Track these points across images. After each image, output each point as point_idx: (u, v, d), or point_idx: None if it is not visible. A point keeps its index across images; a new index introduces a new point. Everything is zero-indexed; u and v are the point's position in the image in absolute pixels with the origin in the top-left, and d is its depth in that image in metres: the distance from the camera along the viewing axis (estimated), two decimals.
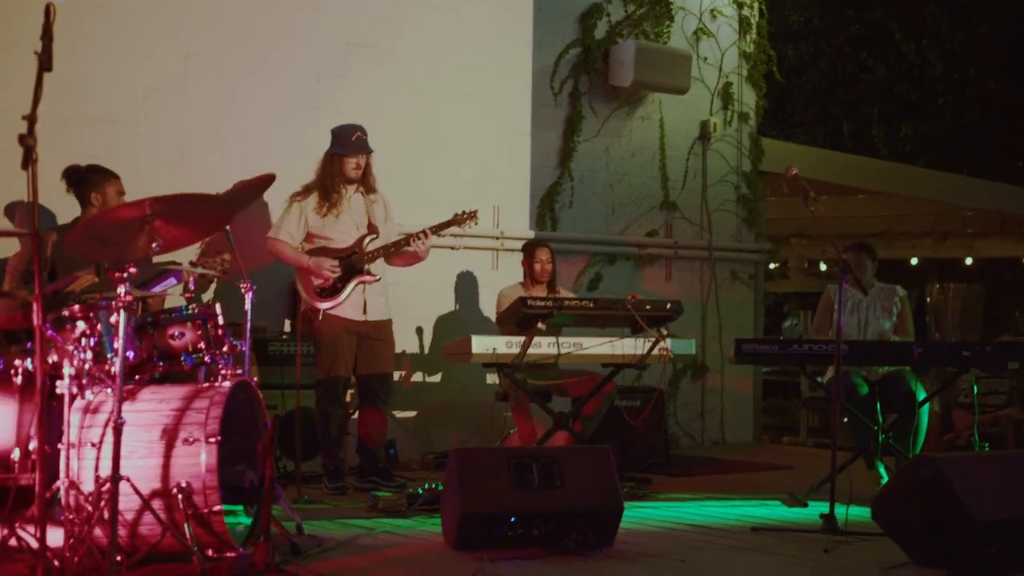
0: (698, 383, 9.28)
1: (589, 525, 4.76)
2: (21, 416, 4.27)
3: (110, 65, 6.79)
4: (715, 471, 7.73)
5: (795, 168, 5.61)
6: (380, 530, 5.24)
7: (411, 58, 7.87)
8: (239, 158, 7.14)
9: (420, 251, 6.43)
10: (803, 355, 6.29)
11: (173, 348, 4.62)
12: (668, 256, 9.20)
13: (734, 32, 9.58)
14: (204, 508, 4.20)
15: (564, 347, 6.42)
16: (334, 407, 6.38)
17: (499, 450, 5.64)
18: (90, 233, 4.39)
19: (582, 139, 8.70)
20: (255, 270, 6.09)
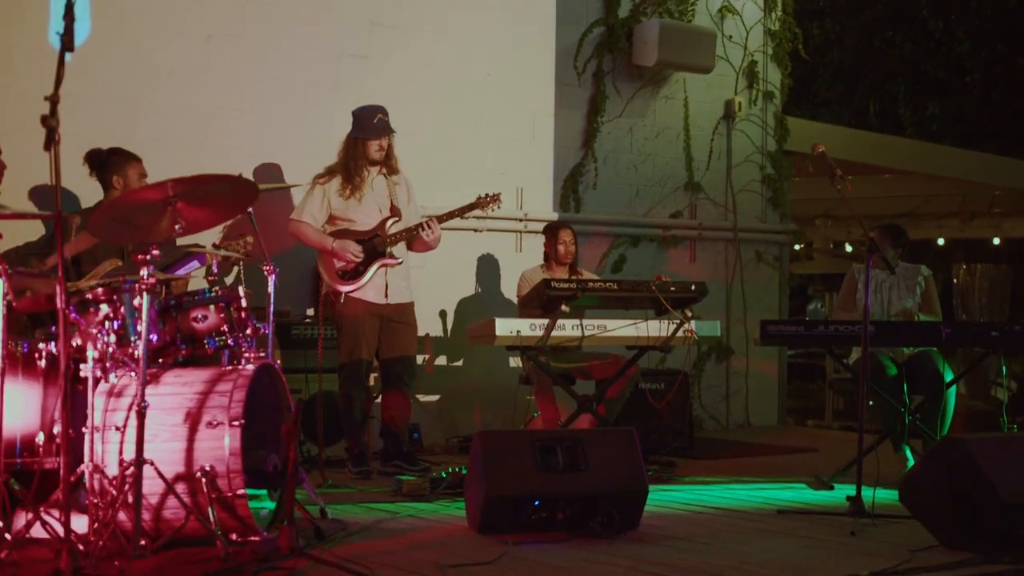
0: (723, 365, 9.23)
1: (614, 508, 4.74)
2: (45, 400, 4.26)
3: (132, 46, 6.77)
4: (740, 454, 7.68)
5: (821, 146, 5.54)
6: (404, 514, 5.23)
7: (434, 38, 7.83)
8: (262, 139, 7.15)
9: (428, 239, 6.39)
10: (829, 336, 6.23)
11: (196, 331, 4.61)
12: (692, 238, 9.15)
13: (759, 9, 9.49)
14: (228, 492, 4.19)
15: (588, 329, 6.39)
16: (357, 391, 6.37)
17: (523, 433, 5.61)
18: (112, 215, 4.38)
19: (606, 119, 8.64)
20: (278, 253, 6.08)
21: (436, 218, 6.42)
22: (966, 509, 4.43)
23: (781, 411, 9.68)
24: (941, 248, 15.14)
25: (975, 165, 12.05)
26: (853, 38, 15.56)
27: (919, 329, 6.41)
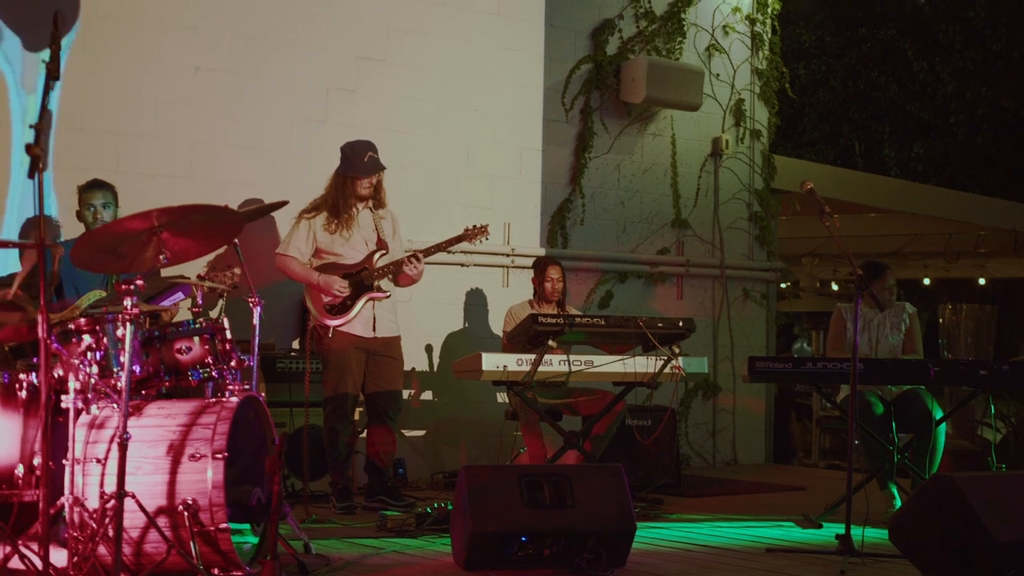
0: (710, 403, 9.20)
1: (601, 545, 4.68)
2: (25, 431, 4.20)
3: (119, 78, 6.76)
4: (727, 492, 7.64)
5: (810, 183, 5.54)
6: (389, 550, 5.17)
7: (422, 73, 7.84)
8: (249, 171, 7.13)
9: (412, 274, 6.35)
10: (817, 373, 6.22)
11: (180, 363, 4.56)
12: (680, 274, 9.14)
13: (746, 49, 9.53)
14: (210, 526, 4.13)
15: (575, 365, 6.35)
16: (342, 425, 6.31)
17: (510, 468, 5.56)
18: (96, 245, 4.33)
19: (593, 155, 8.65)
20: (264, 286, 6.04)
21: (421, 252, 6.38)
22: (957, 548, 4.39)
23: (768, 449, 9.64)
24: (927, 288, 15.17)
25: (961, 205, 12.10)
26: (839, 79, 15.65)
27: (908, 367, 6.38)
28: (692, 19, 9.16)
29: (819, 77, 15.68)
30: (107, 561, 3.97)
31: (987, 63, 14.93)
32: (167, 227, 4.25)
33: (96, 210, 5.86)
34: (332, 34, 7.51)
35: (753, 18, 9.53)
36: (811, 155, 14.66)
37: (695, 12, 9.18)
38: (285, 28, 7.33)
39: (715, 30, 9.32)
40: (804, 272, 14.59)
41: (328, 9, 7.50)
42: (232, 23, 7.16)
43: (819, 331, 15.01)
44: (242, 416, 4.40)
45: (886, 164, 15.24)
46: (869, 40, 15.54)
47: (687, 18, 9.10)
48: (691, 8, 9.12)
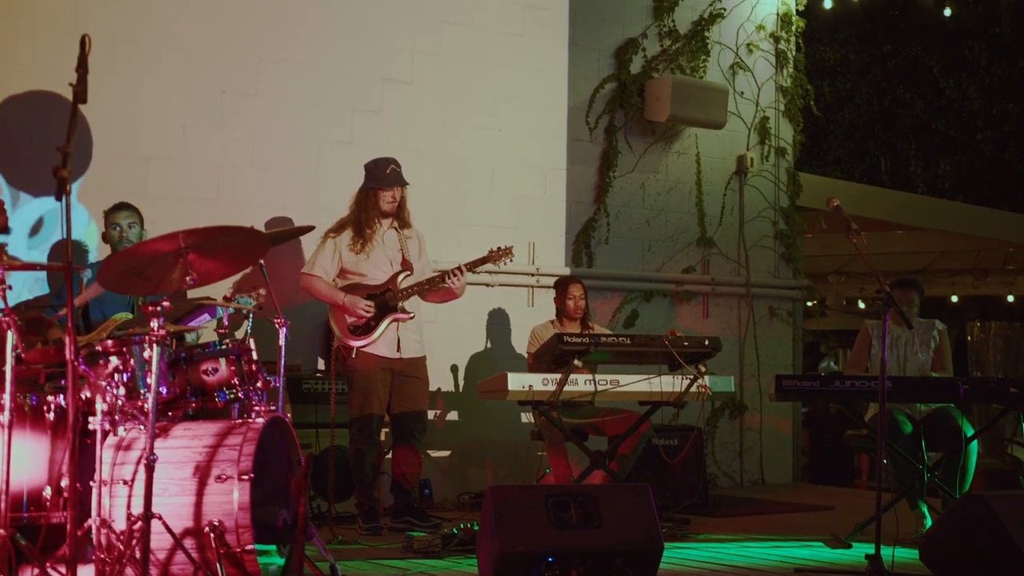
0: (736, 422, 9.14)
1: (629, 565, 4.65)
2: (53, 453, 4.21)
3: (146, 101, 6.81)
4: (755, 511, 7.59)
5: (836, 200, 5.50)
6: (415, 571, 5.15)
7: (446, 93, 7.86)
8: (275, 193, 7.16)
9: (455, 288, 6.35)
10: (845, 392, 6.15)
11: (206, 384, 4.57)
12: (705, 293, 9.10)
13: (771, 66, 9.51)
14: (237, 547, 4.14)
15: (600, 384, 6.32)
16: (368, 446, 6.30)
17: (536, 488, 5.52)
18: (123, 267, 4.35)
19: (618, 174, 8.64)
20: (290, 307, 6.05)
21: (466, 265, 6.37)
22: (989, 568, 4.34)
23: (796, 468, 9.57)
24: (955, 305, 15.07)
25: (989, 222, 12.03)
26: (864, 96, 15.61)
27: (937, 385, 6.32)
28: (716, 37, 9.15)
29: (844, 94, 15.65)
30: None
31: (1014, 79, 14.87)
32: (193, 248, 4.27)
33: (121, 229, 5.90)
34: (357, 56, 7.54)
35: (777, 36, 9.52)
36: (837, 173, 14.61)
37: (719, 30, 9.17)
38: (310, 51, 7.37)
39: (739, 48, 9.31)
40: (830, 290, 14.53)
41: (353, 31, 7.53)
42: (257, 47, 7.20)
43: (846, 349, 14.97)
44: (268, 437, 4.41)
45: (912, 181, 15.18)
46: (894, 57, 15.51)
47: (711, 36, 9.09)
48: (715, 26, 9.12)
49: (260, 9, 7.24)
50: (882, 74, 15.56)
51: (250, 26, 7.19)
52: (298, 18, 7.36)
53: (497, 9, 8.13)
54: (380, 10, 7.66)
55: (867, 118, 15.65)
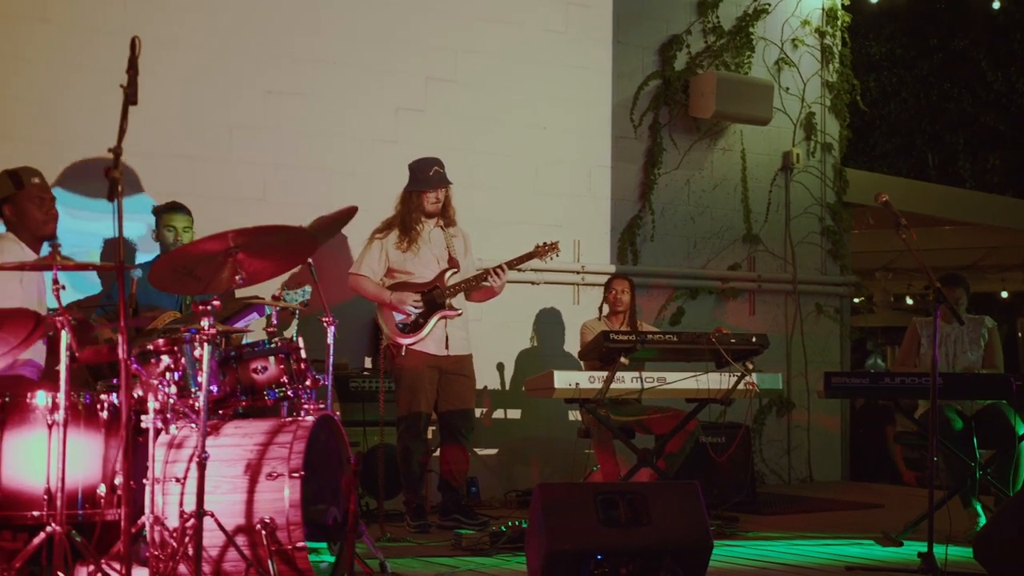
0: (784, 419, 9.09)
1: (678, 563, 4.62)
2: (107, 451, 4.25)
3: (195, 103, 6.87)
4: (804, 509, 7.53)
5: (885, 195, 5.44)
6: (464, 568, 5.16)
7: (490, 92, 7.87)
8: (320, 193, 7.20)
9: (495, 286, 6.36)
10: (895, 388, 6.10)
11: (256, 382, 4.60)
12: (752, 290, 9.05)
13: (816, 62, 9.45)
14: (288, 544, 4.16)
15: (648, 382, 6.30)
16: (416, 444, 6.32)
17: (585, 486, 5.53)
18: (173, 266, 4.39)
19: (663, 171, 8.61)
20: (336, 305, 6.08)
21: (514, 261, 6.38)
22: None
23: (844, 466, 9.49)
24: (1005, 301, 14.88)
25: None
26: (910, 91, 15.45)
27: (988, 382, 6.25)
28: (761, 33, 9.10)
29: (890, 89, 15.49)
30: None
31: None
32: (243, 248, 4.29)
33: (176, 232, 5.98)
34: (400, 55, 7.56)
35: (823, 31, 9.45)
36: (883, 168, 14.48)
37: (764, 26, 9.12)
38: (354, 51, 7.41)
39: (784, 43, 9.24)
40: (877, 286, 14.40)
41: (396, 31, 7.56)
42: (302, 47, 7.24)
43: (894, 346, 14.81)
44: (318, 435, 4.43)
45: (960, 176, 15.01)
46: (941, 51, 15.33)
47: (756, 32, 9.04)
48: (759, 22, 9.07)
49: (305, 10, 7.28)
50: (929, 68, 15.39)
51: (295, 27, 7.23)
52: (342, 18, 7.39)
53: (540, 7, 8.13)
54: (423, 9, 7.68)
55: (914, 113, 15.49)
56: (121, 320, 3.62)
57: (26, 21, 6.45)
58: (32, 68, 6.46)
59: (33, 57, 6.46)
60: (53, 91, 6.50)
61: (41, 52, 6.48)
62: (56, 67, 6.51)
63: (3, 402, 4.15)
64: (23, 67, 6.44)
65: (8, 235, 4.85)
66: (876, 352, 18.21)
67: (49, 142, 6.40)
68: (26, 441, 4.12)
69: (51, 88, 6.49)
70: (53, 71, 6.51)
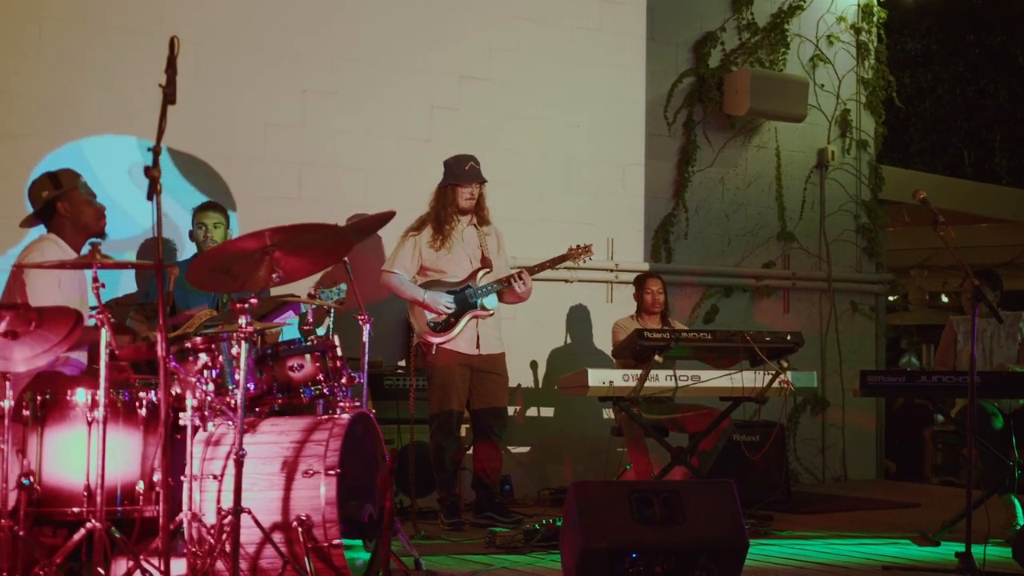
0: (818, 418, 9.04)
1: (713, 562, 4.61)
2: (145, 448, 4.29)
3: (230, 102, 6.90)
4: (839, 508, 7.49)
5: (923, 192, 5.41)
6: (498, 566, 5.17)
7: (523, 90, 7.86)
8: (355, 191, 7.22)
9: (520, 291, 6.36)
10: (932, 387, 6.05)
11: (292, 380, 4.62)
12: (786, 288, 9.01)
13: (852, 58, 9.39)
14: (324, 541, 4.18)
15: (681, 380, 6.29)
16: (448, 442, 6.33)
17: (619, 484, 5.52)
18: (211, 265, 4.41)
19: (697, 169, 8.59)
20: (370, 303, 6.10)
21: (527, 269, 6.40)
22: None
23: (879, 465, 9.44)
24: None
25: None
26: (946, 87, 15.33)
27: None
28: (795, 30, 9.05)
29: (925, 86, 15.39)
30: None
31: None
32: (279, 246, 4.31)
33: (207, 229, 6.02)
34: (435, 54, 7.57)
35: (858, 27, 9.39)
36: (918, 165, 14.39)
37: (798, 23, 9.08)
38: (388, 49, 7.42)
39: (819, 40, 9.20)
40: (912, 284, 14.29)
41: (430, 30, 7.57)
42: (337, 46, 7.27)
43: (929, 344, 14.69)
44: (353, 433, 4.45)
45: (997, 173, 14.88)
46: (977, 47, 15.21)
47: (790, 29, 9.00)
48: (794, 19, 9.03)
49: (339, 8, 7.30)
50: (965, 64, 15.27)
51: (329, 26, 7.26)
52: (377, 17, 7.42)
53: (574, 4, 8.12)
54: (457, 7, 7.69)
55: (949, 109, 15.38)
56: (160, 318, 3.66)
57: (69, 23, 6.51)
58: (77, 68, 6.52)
59: (75, 58, 6.52)
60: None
61: (86, 53, 6.53)
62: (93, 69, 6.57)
63: (43, 399, 4.19)
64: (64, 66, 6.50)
65: (49, 236, 4.88)
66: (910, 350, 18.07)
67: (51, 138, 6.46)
68: (66, 438, 4.16)
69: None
70: (94, 70, 6.56)
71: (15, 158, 6.24)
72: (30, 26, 6.41)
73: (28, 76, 6.40)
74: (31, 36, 6.42)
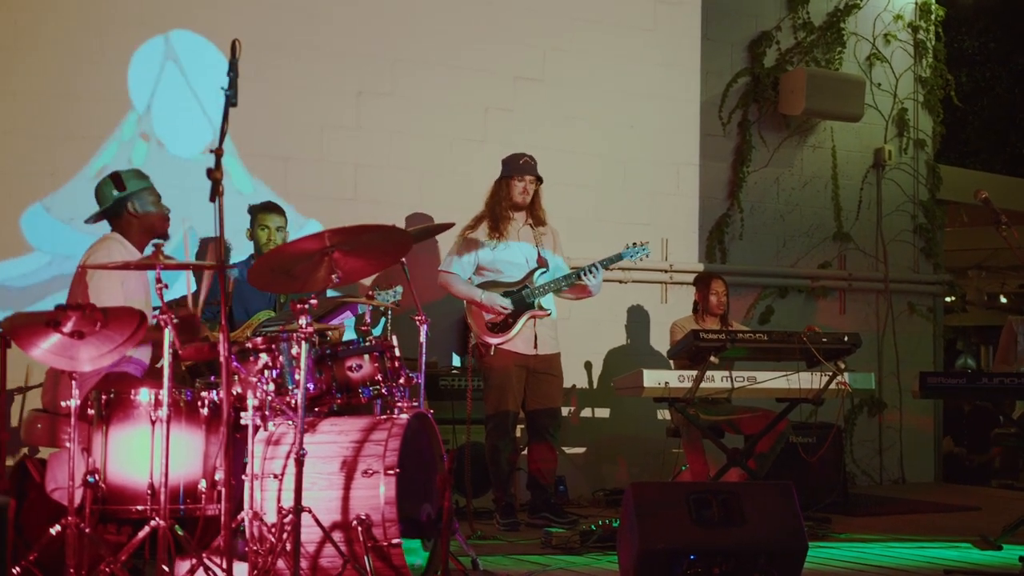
0: (875, 419, 8.96)
1: (773, 564, 4.58)
2: (207, 447, 4.32)
3: (286, 104, 6.96)
4: (897, 511, 7.42)
5: (984, 192, 5.36)
6: (555, 567, 5.16)
7: (578, 90, 7.86)
8: (411, 192, 7.26)
9: (591, 286, 6.35)
10: (994, 389, 5.98)
11: (351, 380, 4.65)
12: (842, 288, 8.94)
13: (909, 57, 9.30)
14: (383, 541, 4.20)
15: (737, 381, 6.26)
16: (504, 442, 6.34)
17: (677, 485, 5.50)
18: (272, 265, 4.45)
19: (751, 169, 8.54)
20: (426, 304, 6.12)
21: (599, 263, 6.37)
22: None
23: (938, 467, 9.34)
24: None
25: None
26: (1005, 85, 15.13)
27: None
28: (852, 28, 8.98)
29: (983, 84, 15.19)
30: (285, 575, 4.06)
31: None
32: (339, 247, 4.34)
33: (270, 231, 6.07)
34: (489, 55, 7.59)
35: (916, 25, 9.29)
36: (975, 164, 14.21)
37: (855, 21, 9.00)
38: (443, 50, 7.45)
39: (876, 39, 9.11)
40: (970, 285, 14.13)
41: (484, 30, 7.59)
42: (392, 48, 7.30)
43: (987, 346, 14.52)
44: (411, 433, 4.46)
45: None
46: None
47: (847, 27, 8.93)
48: (850, 17, 8.96)
49: (395, 10, 7.34)
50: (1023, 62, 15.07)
51: (385, 27, 7.30)
52: (431, 18, 7.44)
53: (629, 5, 8.11)
54: (511, 9, 7.70)
55: (1008, 108, 15.17)
56: (222, 318, 3.70)
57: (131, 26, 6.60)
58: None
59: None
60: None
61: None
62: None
63: (108, 399, 4.24)
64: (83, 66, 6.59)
65: (113, 235, 4.93)
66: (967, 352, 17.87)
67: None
68: (130, 437, 4.20)
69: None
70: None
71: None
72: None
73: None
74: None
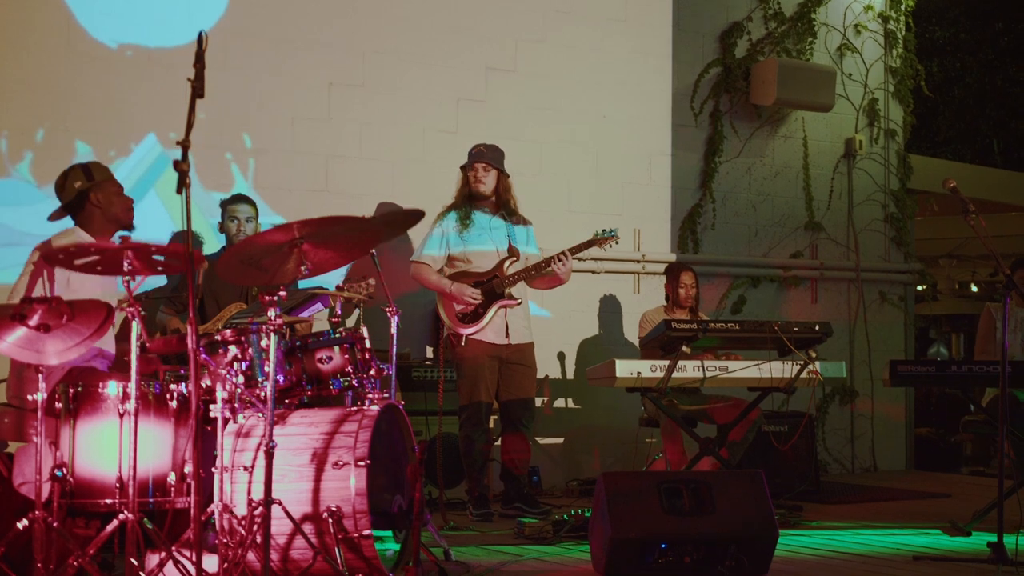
0: (847, 408, 9.01)
1: (743, 552, 4.62)
2: (176, 440, 4.31)
3: (256, 95, 6.93)
4: (868, 498, 7.47)
5: (953, 181, 5.38)
6: (527, 557, 5.17)
7: (550, 81, 7.86)
8: (382, 183, 7.24)
9: (561, 273, 6.36)
10: (963, 376, 6.01)
11: (321, 372, 4.63)
12: (814, 278, 8.98)
13: (879, 47, 9.33)
14: (354, 532, 4.19)
15: (710, 370, 6.28)
16: (477, 433, 6.35)
17: (649, 474, 5.52)
18: (240, 257, 4.43)
19: (723, 159, 8.56)
20: (399, 295, 6.12)
21: (570, 250, 6.37)
22: None
23: (909, 455, 9.40)
24: None
25: None
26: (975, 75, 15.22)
27: None
28: (822, 19, 9.01)
29: (953, 74, 15.29)
30: (256, 567, 4.06)
31: None
32: (308, 239, 4.31)
33: (239, 223, 6.05)
34: (461, 46, 7.58)
35: (886, 15, 9.33)
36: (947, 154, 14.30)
37: (825, 12, 9.03)
38: (415, 42, 7.43)
39: (846, 29, 9.15)
40: (941, 274, 14.21)
41: (456, 21, 7.58)
42: (364, 39, 7.28)
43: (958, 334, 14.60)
44: (382, 424, 4.46)
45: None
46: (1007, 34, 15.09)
47: (817, 18, 8.95)
48: (821, 8, 8.98)
49: (365, 1, 7.31)
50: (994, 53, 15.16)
51: (356, 20, 7.27)
52: (403, 9, 7.42)
53: None
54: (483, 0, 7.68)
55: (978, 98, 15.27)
56: (191, 312, 3.67)
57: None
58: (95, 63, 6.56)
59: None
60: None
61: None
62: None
63: (76, 392, 4.21)
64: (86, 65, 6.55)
65: (76, 229, 4.91)
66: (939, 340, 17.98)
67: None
68: (98, 430, 4.18)
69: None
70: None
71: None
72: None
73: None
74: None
